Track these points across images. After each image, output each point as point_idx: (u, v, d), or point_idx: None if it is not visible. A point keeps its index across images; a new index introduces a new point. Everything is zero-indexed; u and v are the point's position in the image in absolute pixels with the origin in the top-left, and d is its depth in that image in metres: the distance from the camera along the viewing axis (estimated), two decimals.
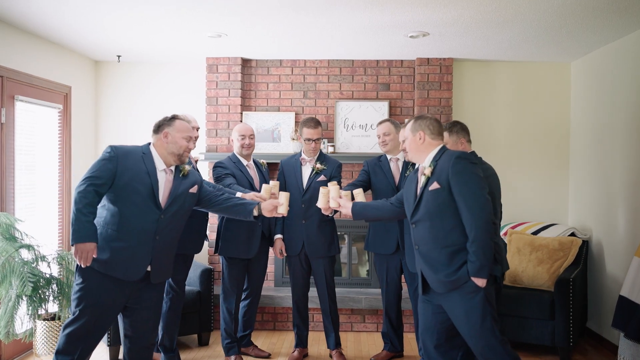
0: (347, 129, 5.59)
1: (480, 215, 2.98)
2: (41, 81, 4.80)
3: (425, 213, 3.14)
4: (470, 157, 3.11)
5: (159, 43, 5.04)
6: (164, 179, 3.27)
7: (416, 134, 3.25)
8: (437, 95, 5.51)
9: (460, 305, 3.06)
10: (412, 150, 3.28)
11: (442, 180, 3.07)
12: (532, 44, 4.92)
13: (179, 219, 3.36)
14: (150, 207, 3.18)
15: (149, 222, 3.18)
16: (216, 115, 5.57)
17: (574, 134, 5.56)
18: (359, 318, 5.36)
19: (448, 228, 3.07)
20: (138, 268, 3.18)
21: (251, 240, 4.29)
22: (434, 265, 3.12)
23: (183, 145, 3.30)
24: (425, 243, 3.17)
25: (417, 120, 3.29)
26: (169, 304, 4.11)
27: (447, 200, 3.06)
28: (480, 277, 2.97)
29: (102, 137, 5.84)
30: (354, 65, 5.64)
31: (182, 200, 3.34)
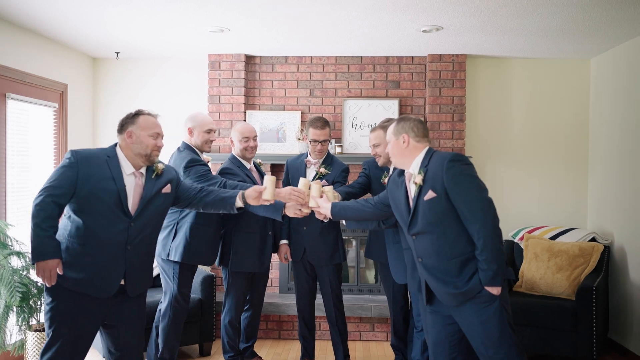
0: (355, 129, 5.35)
1: (485, 219, 2.75)
2: (35, 79, 4.58)
3: (425, 225, 2.89)
4: (463, 158, 2.87)
5: (159, 39, 4.82)
6: (132, 183, 2.96)
7: (399, 137, 3.00)
8: (449, 94, 5.26)
9: (475, 317, 2.82)
10: (396, 155, 3.03)
11: (438, 187, 2.82)
12: (550, 39, 4.67)
13: (154, 225, 3.07)
14: (117, 216, 2.87)
15: (118, 232, 2.88)
16: (219, 115, 5.34)
17: (594, 133, 5.31)
18: (367, 327, 5.12)
19: (452, 238, 2.83)
20: (110, 283, 2.88)
21: (263, 252, 4.02)
22: (442, 277, 2.88)
23: (150, 144, 2.97)
24: (429, 256, 2.92)
25: (399, 122, 3.05)
26: (172, 316, 3.83)
27: (446, 208, 2.82)
28: (495, 285, 2.74)
29: (101, 137, 5.62)
30: (362, 61, 5.40)
31: (155, 203, 3.03)
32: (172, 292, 3.80)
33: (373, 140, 3.81)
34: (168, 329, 3.83)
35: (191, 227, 3.76)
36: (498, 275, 2.73)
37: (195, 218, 3.77)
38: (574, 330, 4.23)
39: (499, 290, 2.75)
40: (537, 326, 4.33)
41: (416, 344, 3.85)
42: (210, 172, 3.74)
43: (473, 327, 2.84)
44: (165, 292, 3.85)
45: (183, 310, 3.86)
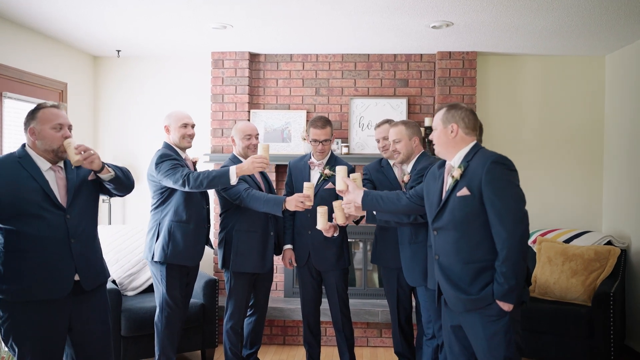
0: (362, 129, 5.20)
1: (514, 232, 2.57)
2: (33, 77, 4.46)
3: (450, 221, 2.74)
4: (508, 163, 2.68)
5: (161, 36, 4.70)
6: (54, 177, 2.81)
7: (448, 126, 2.79)
8: (459, 92, 5.10)
9: (482, 330, 2.68)
10: (441, 144, 2.84)
11: (474, 186, 2.66)
12: (564, 35, 4.51)
13: (91, 215, 2.95)
14: (50, 212, 2.73)
15: (56, 228, 2.74)
16: (222, 114, 5.21)
17: (609, 133, 5.14)
18: (375, 332, 4.97)
19: (475, 241, 2.68)
20: (63, 281, 2.76)
21: (265, 252, 3.89)
22: (455, 281, 2.74)
23: (56, 138, 2.78)
24: (447, 255, 2.77)
25: (450, 110, 2.83)
26: (165, 322, 3.70)
27: (477, 209, 2.66)
28: (507, 301, 2.58)
29: (102, 136, 5.50)
30: (369, 59, 5.25)
31: (86, 192, 2.90)
32: (162, 295, 3.69)
33: (394, 135, 3.62)
34: (162, 335, 3.71)
35: (170, 225, 3.67)
36: (513, 291, 2.57)
37: (173, 216, 3.67)
38: (590, 337, 4.06)
39: (510, 307, 2.59)
40: (551, 333, 4.17)
41: (426, 352, 3.70)
42: (179, 165, 3.59)
43: (478, 340, 2.70)
44: (157, 298, 3.74)
45: (176, 314, 3.72)
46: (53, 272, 2.74)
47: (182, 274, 3.77)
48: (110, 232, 4.77)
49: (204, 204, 3.81)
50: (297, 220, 3.99)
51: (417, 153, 3.62)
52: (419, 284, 3.59)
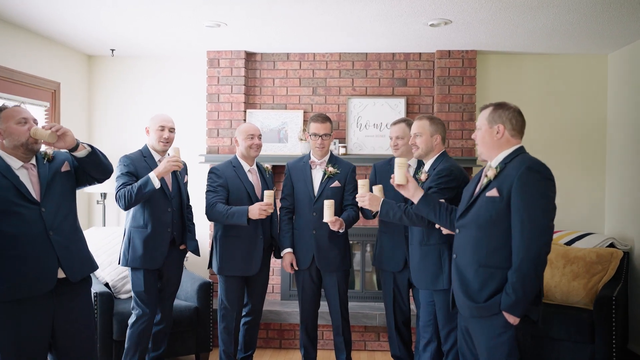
0: (360, 129, 5.11)
1: (532, 244, 2.47)
2: (25, 77, 4.39)
3: (474, 220, 2.67)
4: (543, 171, 2.57)
5: (156, 35, 4.62)
6: (26, 174, 2.82)
7: (494, 126, 2.71)
8: (459, 91, 5.01)
9: (484, 339, 2.61)
10: (484, 144, 2.76)
11: (504, 189, 2.57)
12: (565, 34, 4.42)
13: (68, 207, 2.94)
14: (24, 207, 2.72)
15: (32, 223, 2.73)
16: (217, 114, 5.12)
17: (611, 133, 5.04)
18: (373, 336, 4.89)
19: (493, 246, 2.59)
20: (46, 275, 2.75)
21: (252, 255, 3.85)
22: (465, 283, 2.67)
23: (22, 132, 2.76)
24: (463, 255, 2.72)
25: (497, 109, 2.74)
26: (133, 323, 3.74)
27: (502, 213, 2.57)
28: (513, 314, 2.50)
29: (97, 136, 5.42)
30: (367, 58, 5.16)
31: (59, 183, 2.91)
32: (133, 298, 3.75)
33: (415, 128, 3.49)
34: (129, 334, 3.75)
35: (129, 231, 3.72)
36: (520, 305, 2.50)
37: (132, 221, 3.72)
38: (591, 342, 3.97)
39: (515, 320, 2.52)
40: (551, 337, 4.08)
41: (423, 357, 3.62)
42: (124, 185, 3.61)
43: (481, 348, 2.64)
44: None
45: (147, 319, 3.73)
46: (35, 267, 2.72)
47: (151, 278, 3.72)
48: (105, 234, 4.70)
49: (168, 208, 3.74)
50: (300, 220, 3.93)
51: (437, 152, 3.51)
52: (425, 286, 3.47)
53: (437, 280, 3.39)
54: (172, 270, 3.86)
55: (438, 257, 3.41)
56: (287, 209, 4.00)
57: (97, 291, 4.02)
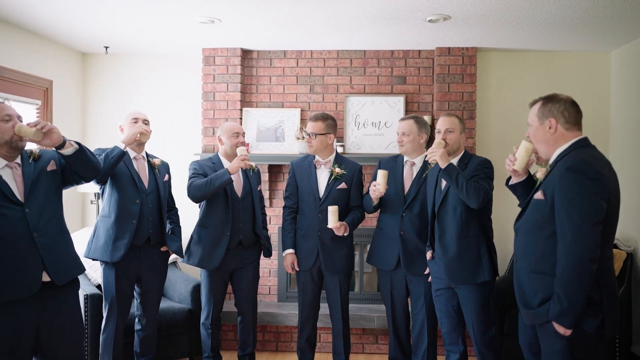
0: (359, 127, 5.02)
1: (573, 251, 2.32)
2: (15, 74, 4.30)
3: (525, 223, 2.57)
4: (586, 170, 2.36)
5: (150, 32, 4.53)
6: (10, 174, 2.72)
7: (545, 121, 2.55)
8: (459, 89, 4.92)
9: (543, 346, 2.51)
10: (539, 142, 2.61)
11: (548, 191, 2.44)
12: (567, 31, 4.32)
13: (54, 207, 2.85)
14: (7, 208, 2.64)
15: (16, 224, 2.65)
16: (213, 112, 5.03)
17: (614, 131, 4.94)
18: (371, 338, 4.79)
19: (540, 251, 2.48)
20: (30, 278, 2.66)
21: (214, 249, 3.81)
22: (521, 288, 2.58)
23: (5, 129, 2.68)
24: (519, 259, 2.63)
25: (546, 103, 2.57)
26: (103, 323, 3.67)
27: (547, 217, 2.44)
28: (561, 324, 2.36)
29: (90, 135, 5.34)
30: (366, 56, 5.06)
31: (44, 183, 2.82)
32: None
33: (448, 124, 3.46)
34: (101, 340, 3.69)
35: (97, 221, 3.66)
36: (567, 315, 2.33)
37: (101, 211, 3.65)
38: None
39: (565, 331, 2.36)
40: None
41: None
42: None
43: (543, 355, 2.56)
44: None
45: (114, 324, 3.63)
46: (19, 269, 2.63)
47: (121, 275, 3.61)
48: None
49: (137, 200, 3.62)
50: (304, 221, 3.85)
51: (461, 151, 3.53)
52: (465, 281, 3.36)
53: (477, 273, 3.32)
54: (152, 274, 3.74)
55: (477, 249, 3.34)
56: (291, 209, 3.93)
57: (87, 293, 3.94)
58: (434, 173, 3.56)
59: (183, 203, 4.30)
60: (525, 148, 2.75)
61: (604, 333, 2.39)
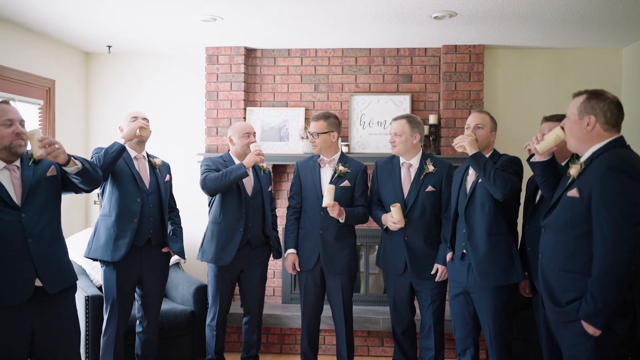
0: (364, 126, 4.95)
1: (612, 251, 2.26)
2: (16, 73, 4.26)
3: (555, 221, 2.51)
4: (630, 170, 2.32)
5: (152, 30, 4.48)
6: (8, 176, 2.66)
7: (585, 117, 2.47)
8: (465, 88, 4.83)
9: (567, 346, 2.45)
10: (573, 135, 2.53)
11: (585, 189, 2.37)
12: (577, 27, 4.22)
13: (51, 211, 2.78)
14: (3, 212, 2.58)
15: (11, 228, 2.58)
16: (217, 112, 4.98)
17: (627, 130, 4.81)
18: (376, 341, 4.72)
19: (571, 250, 2.42)
20: (22, 284, 2.59)
21: (227, 246, 3.77)
22: (549, 286, 2.52)
23: (6, 134, 2.62)
24: (547, 256, 2.57)
25: (591, 99, 2.49)
26: (104, 325, 3.63)
27: (581, 216, 2.38)
28: (592, 324, 2.30)
29: (94, 135, 5.30)
30: (371, 54, 4.99)
31: (44, 188, 2.75)
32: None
33: (479, 119, 3.39)
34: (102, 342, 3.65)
35: (97, 220, 3.62)
36: (600, 315, 2.28)
37: (102, 210, 3.60)
38: None
39: (595, 331, 2.31)
40: None
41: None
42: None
43: (564, 357, 2.52)
44: None
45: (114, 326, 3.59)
46: (10, 275, 2.57)
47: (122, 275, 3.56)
48: None
49: (137, 198, 3.57)
50: (306, 220, 3.80)
51: (490, 150, 3.45)
52: (495, 282, 3.26)
53: (510, 273, 3.24)
54: (153, 275, 3.70)
55: (508, 248, 3.26)
56: (295, 208, 3.88)
57: (88, 294, 3.90)
58: (459, 173, 3.51)
59: (185, 204, 4.27)
60: (557, 136, 2.68)
61: (634, 335, 2.35)
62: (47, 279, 2.67)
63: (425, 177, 3.63)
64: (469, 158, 3.27)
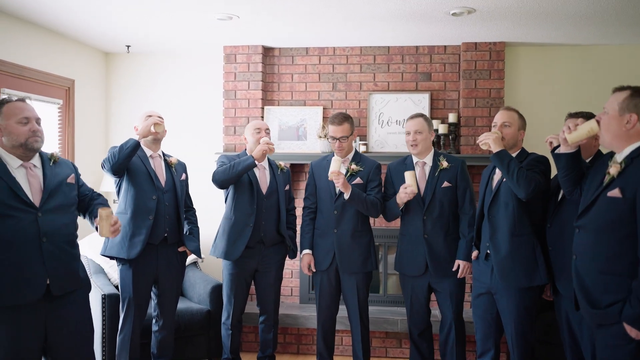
0: (382, 125, 4.89)
1: None
2: (36, 73, 4.31)
3: (593, 222, 2.44)
4: None
5: (170, 30, 4.49)
6: (24, 174, 2.69)
7: (625, 114, 2.41)
8: (486, 86, 4.74)
9: (602, 348, 2.38)
10: (610, 131, 2.46)
11: (628, 189, 2.31)
12: (602, 22, 4.11)
13: (69, 216, 2.82)
14: (20, 210, 2.60)
15: (27, 227, 2.60)
16: (234, 111, 4.97)
17: None
18: (394, 342, 4.66)
19: (614, 252, 2.35)
20: (34, 283, 2.61)
21: (236, 241, 3.79)
22: (586, 289, 2.44)
23: (22, 132, 2.66)
24: (582, 258, 2.48)
25: (635, 96, 2.42)
26: (120, 323, 3.64)
27: (625, 217, 2.32)
28: (635, 326, 2.24)
29: (113, 134, 5.34)
30: (390, 52, 4.93)
31: (63, 191, 2.80)
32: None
33: (506, 117, 3.32)
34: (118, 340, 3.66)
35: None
36: None
37: (118, 208, 3.60)
38: None
39: (638, 334, 2.26)
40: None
41: None
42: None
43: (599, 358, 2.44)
44: None
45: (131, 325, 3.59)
46: (23, 274, 2.59)
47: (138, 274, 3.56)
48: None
49: (153, 196, 3.57)
50: (322, 219, 3.79)
51: (518, 148, 3.37)
52: (517, 283, 3.19)
53: (533, 274, 3.15)
54: (169, 274, 3.69)
55: (532, 249, 3.17)
56: (310, 209, 3.87)
57: (105, 293, 3.91)
58: (486, 172, 3.46)
59: (202, 204, 4.27)
60: (591, 128, 2.60)
61: None
62: (54, 280, 2.68)
63: (440, 173, 3.60)
64: (492, 156, 3.20)
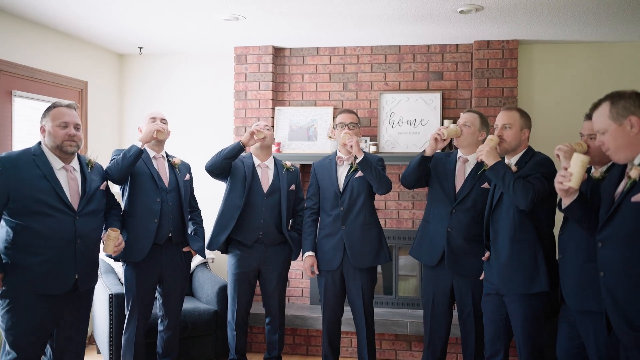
0: (393, 125, 4.84)
1: None
2: (47, 75, 4.37)
3: (620, 231, 2.23)
4: None
5: (181, 31, 4.52)
6: (65, 177, 2.95)
7: (624, 121, 2.24)
8: (499, 85, 4.66)
9: None
10: (619, 146, 2.26)
11: None
12: (618, 18, 4.00)
13: (98, 217, 3.14)
14: (61, 211, 2.87)
15: (65, 227, 2.89)
16: (245, 111, 4.98)
17: None
18: (404, 345, 4.61)
19: None
20: (65, 278, 2.91)
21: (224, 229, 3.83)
22: (621, 308, 2.21)
23: (60, 135, 2.91)
24: (613, 273, 2.25)
25: (617, 101, 2.27)
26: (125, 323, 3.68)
27: None
28: None
29: (127, 134, 5.39)
30: (401, 51, 4.88)
31: (97, 197, 3.10)
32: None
33: (506, 119, 3.21)
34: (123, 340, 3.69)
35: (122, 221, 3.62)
36: None
37: (123, 209, 3.58)
38: None
39: None
40: None
41: None
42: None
43: None
44: None
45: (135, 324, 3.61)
46: (57, 269, 2.86)
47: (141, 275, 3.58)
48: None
49: (157, 198, 3.57)
50: (327, 218, 3.75)
51: (523, 148, 3.25)
52: (517, 289, 3.10)
53: (533, 281, 3.06)
54: (173, 274, 3.69)
55: (533, 256, 3.07)
56: (312, 210, 3.83)
57: (112, 292, 3.95)
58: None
59: (210, 205, 4.28)
60: (582, 162, 2.43)
61: None
62: (82, 278, 2.98)
63: (482, 174, 3.40)
64: (487, 171, 3.11)
